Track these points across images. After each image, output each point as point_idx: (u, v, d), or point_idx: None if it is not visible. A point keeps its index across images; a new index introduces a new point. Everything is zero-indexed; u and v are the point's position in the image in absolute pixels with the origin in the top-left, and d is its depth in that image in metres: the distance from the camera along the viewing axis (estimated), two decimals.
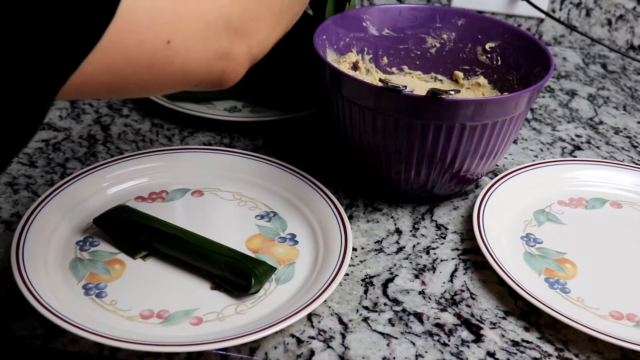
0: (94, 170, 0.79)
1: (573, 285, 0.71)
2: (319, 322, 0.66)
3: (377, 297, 0.69)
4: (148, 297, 0.67)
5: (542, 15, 1.20)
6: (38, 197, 0.77)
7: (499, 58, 0.86)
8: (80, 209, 0.75)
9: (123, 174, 0.80)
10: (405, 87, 0.70)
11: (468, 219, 0.80)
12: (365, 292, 0.70)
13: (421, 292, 0.70)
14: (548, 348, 0.65)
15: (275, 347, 0.63)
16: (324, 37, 0.82)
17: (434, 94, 0.69)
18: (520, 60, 0.84)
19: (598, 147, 0.96)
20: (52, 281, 0.67)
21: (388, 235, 0.77)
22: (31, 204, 0.75)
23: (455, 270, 0.73)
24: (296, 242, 0.74)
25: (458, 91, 0.70)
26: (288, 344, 0.63)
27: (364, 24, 0.87)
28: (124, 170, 0.80)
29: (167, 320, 0.64)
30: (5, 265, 0.69)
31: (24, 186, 0.81)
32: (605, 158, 0.93)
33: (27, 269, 0.65)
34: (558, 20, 1.16)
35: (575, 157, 0.94)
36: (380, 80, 0.71)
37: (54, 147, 0.88)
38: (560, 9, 1.20)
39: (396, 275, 0.72)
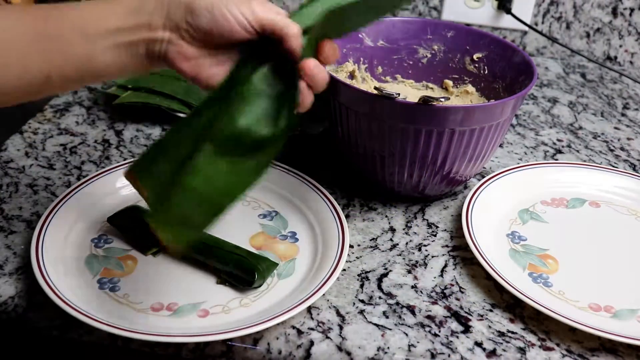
0: (108, 173, 0.79)
1: (555, 279, 0.71)
2: (318, 314, 0.65)
3: (373, 291, 0.69)
4: (158, 291, 0.66)
5: (526, 28, 1.20)
6: (56, 198, 0.77)
7: (486, 67, 0.86)
8: (95, 209, 0.75)
9: None
10: (399, 94, 0.70)
11: (457, 218, 0.80)
12: (362, 286, 0.69)
13: (413, 287, 0.70)
14: (531, 338, 0.65)
15: (277, 338, 0.63)
16: None
17: (425, 101, 0.69)
18: (505, 69, 0.84)
19: (578, 151, 0.96)
20: (69, 276, 0.66)
21: (383, 233, 0.77)
22: (50, 204, 0.75)
23: (445, 265, 0.73)
24: (297, 240, 0.74)
25: (448, 98, 0.70)
26: (289, 334, 0.63)
27: (360, 35, 0.87)
28: None
29: (176, 312, 0.64)
30: (25, 261, 0.69)
31: (43, 187, 0.80)
32: (585, 161, 0.93)
33: (46, 264, 0.65)
34: (540, 32, 1.15)
35: (556, 160, 0.93)
36: (375, 88, 0.71)
37: (71, 150, 0.88)
38: (543, 22, 1.20)
39: (390, 271, 0.72)
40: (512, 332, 0.65)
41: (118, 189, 0.78)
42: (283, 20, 0.57)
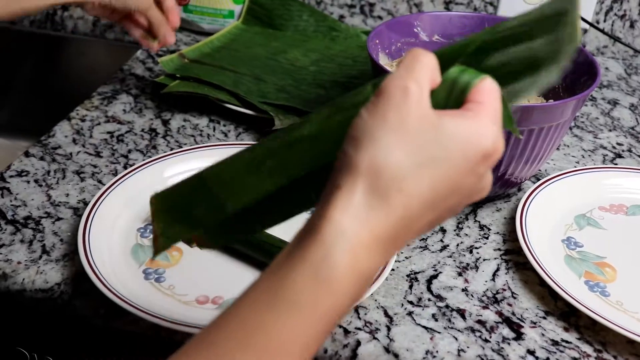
0: (155, 162, 0.80)
1: (612, 289, 0.70)
2: (365, 314, 0.65)
3: (422, 293, 0.69)
4: (204, 284, 0.67)
5: (587, 26, 1.18)
6: (103, 186, 0.78)
7: None
8: (141, 198, 0.76)
9: (182, 166, 0.81)
10: None
11: (510, 221, 0.79)
12: (410, 287, 0.69)
13: (464, 290, 0.70)
14: (587, 349, 0.64)
15: None
16: (377, 41, 0.81)
17: None
18: (566, 69, 0.82)
19: (639, 156, 0.94)
20: (114, 265, 0.68)
21: (433, 234, 0.76)
22: (96, 192, 0.77)
23: (497, 269, 0.73)
24: None
25: None
26: (335, 333, 0.63)
27: (415, 29, 0.86)
28: (182, 162, 0.81)
29: (221, 306, 0.65)
30: (72, 249, 0.70)
31: (90, 175, 0.82)
32: None
33: (92, 252, 0.67)
34: (602, 30, 1.13)
35: (616, 164, 0.92)
36: None
37: (118, 139, 0.89)
38: (605, 20, 1.18)
39: (440, 272, 0.71)
40: (567, 342, 0.64)
41: (165, 179, 0.79)
42: None
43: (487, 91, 0.41)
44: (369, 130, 0.39)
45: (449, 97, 0.41)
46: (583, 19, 1.13)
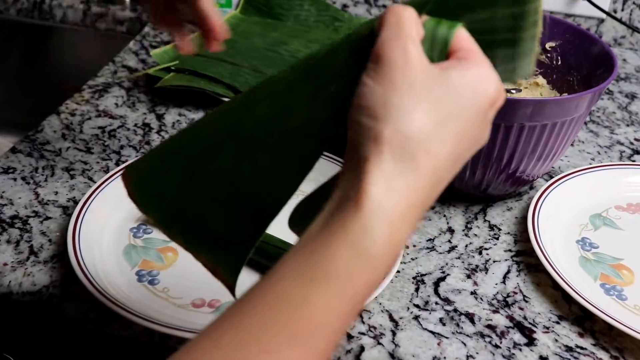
0: None
1: (630, 292, 0.70)
2: (369, 318, 0.65)
3: (429, 296, 0.69)
4: (200, 286, 0.67)
5: (603, 16, 1.17)
6: (94, 183, 0.78)
7: (559, 58, 0.85)
8: None
9: None
10: None
11: (522, 221, 0.79)
12: (417, 290, 0.69)
13: (473, 293, 0.70)
14: (603, 355, 0.64)
15: None
16: None
17: None
18: (581, 60, 0.82)
19: None
20: (106, 266, 0.68)
21: (440, 234, 0.76)
22: (87, 190, 0.77)
23: (508, 271, 0.73)
24: None
25: (519, 90, 0.69)
26: None
27: None
28: None
29: (218, 310, 0.65)
30: (61, 249, 0.70)
31: (80, 172, 0.82)
32: None
33: (83, 253, 0.67)
34: (620, 20, 1.13)
35: (633, 161, 0.92)
36: None
37: (110, 134, 0.89)
38: (623, 9, 1.18)
39: (448, 275, 0.71)
40: (581, 348, 0.64)
41: None
42: None
43: (467, 38, 0.43)
44: (381, 97, 0.40)
45: (433, 50, 0.43)
46: (600, 8, 1.13)
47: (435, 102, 0.40)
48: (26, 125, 0.98)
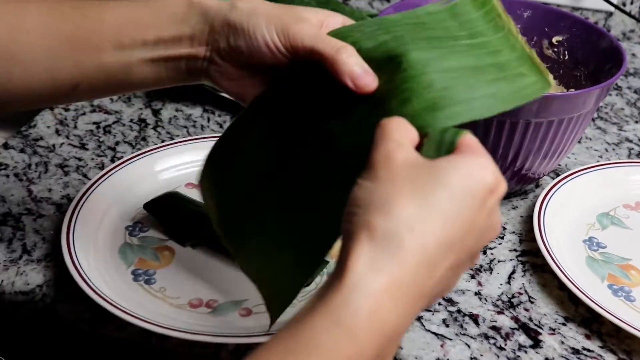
0: (145, 155, 0.80)
1: (639, 293, 0.70)
2: None
3: None
4: (197, 286, 0.67)
5: (612, 9, 1.18)
6: (88, 180, 0.79)
7: (566, 52, 0.85)
8: (130, 194, 0.76)
9: (174, 160, 0.81)
10: None
11: (527, 220, 0.79)
12: None
13: (477, 293, 0.70)
14: (610, 358, 0.64)
15: None
16: None
17: None
18: (589, 55, 0.82)
19: None
20: (101, 265, 0.68)
21: None
22: (81, 187, 0.77)
23: (513, 272, 0.73)
24: None
25: None
26: None
27: None
28: (175, 155, 0.81)
29: (216, 310, 0.65)
30: (55, 248, 0.71)
31: (75, 168, 0.82)
32: None
33: (77, 252, 0.67)
34: (629, 14, 1.13)
35: None
36: None
37: (105, 129, 0.89)
38: (632, 2, 1.18)
39: None
40: (588, 350, 0.65)
41: (156, 173, 0.79)
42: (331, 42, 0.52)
43: (471, 139, 0.46)
44: (368, 190, 0.43)
45: (440, 152, 0.46)
46: (608, 1, 1.13)
47: (421, 187, 0.42)
48: (19, 121, 0.98)
